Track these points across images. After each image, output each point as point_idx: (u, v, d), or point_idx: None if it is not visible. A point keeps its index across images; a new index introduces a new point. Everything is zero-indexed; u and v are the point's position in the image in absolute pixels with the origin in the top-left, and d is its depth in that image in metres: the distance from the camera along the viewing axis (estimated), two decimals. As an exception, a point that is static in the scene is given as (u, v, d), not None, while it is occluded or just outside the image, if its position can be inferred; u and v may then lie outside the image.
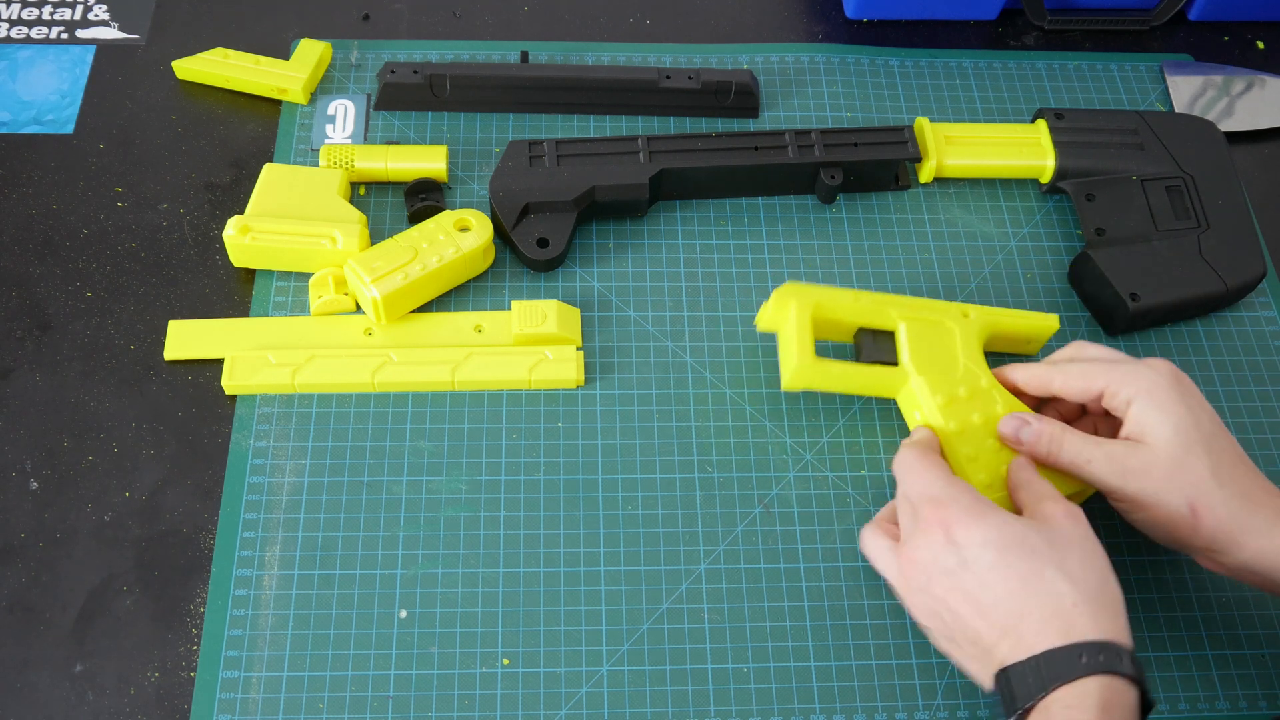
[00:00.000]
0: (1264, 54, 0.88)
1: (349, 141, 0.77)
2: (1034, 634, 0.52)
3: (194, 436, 0.66)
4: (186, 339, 0.68)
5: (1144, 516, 0.58)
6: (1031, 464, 0.61)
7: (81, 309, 0.70)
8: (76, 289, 0.70)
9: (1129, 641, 0.52)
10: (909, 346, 0.65)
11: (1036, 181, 0.78)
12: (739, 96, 0.79)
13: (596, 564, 0.62)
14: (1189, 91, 0.83)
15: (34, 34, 0.81)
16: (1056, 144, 0.76)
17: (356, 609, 0.61)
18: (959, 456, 0.62)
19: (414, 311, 0.70)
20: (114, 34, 0.82)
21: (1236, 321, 0.74)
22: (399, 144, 0.77)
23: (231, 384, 0.66)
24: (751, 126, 0.80)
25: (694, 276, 0.73)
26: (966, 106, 0.82)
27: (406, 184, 0.74)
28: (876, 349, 0.65)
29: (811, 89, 0.82)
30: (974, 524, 0.54)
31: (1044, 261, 0.75)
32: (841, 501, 0.65)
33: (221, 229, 0.72)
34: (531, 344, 0.68)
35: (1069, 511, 0.56)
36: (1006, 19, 0.88)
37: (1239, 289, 0.72)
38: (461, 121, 0.79)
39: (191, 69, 0.79)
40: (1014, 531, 0.54)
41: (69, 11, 0.83)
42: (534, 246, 0.71)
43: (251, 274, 0.71)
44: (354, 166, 0.74)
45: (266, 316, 0.69)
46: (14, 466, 0.64)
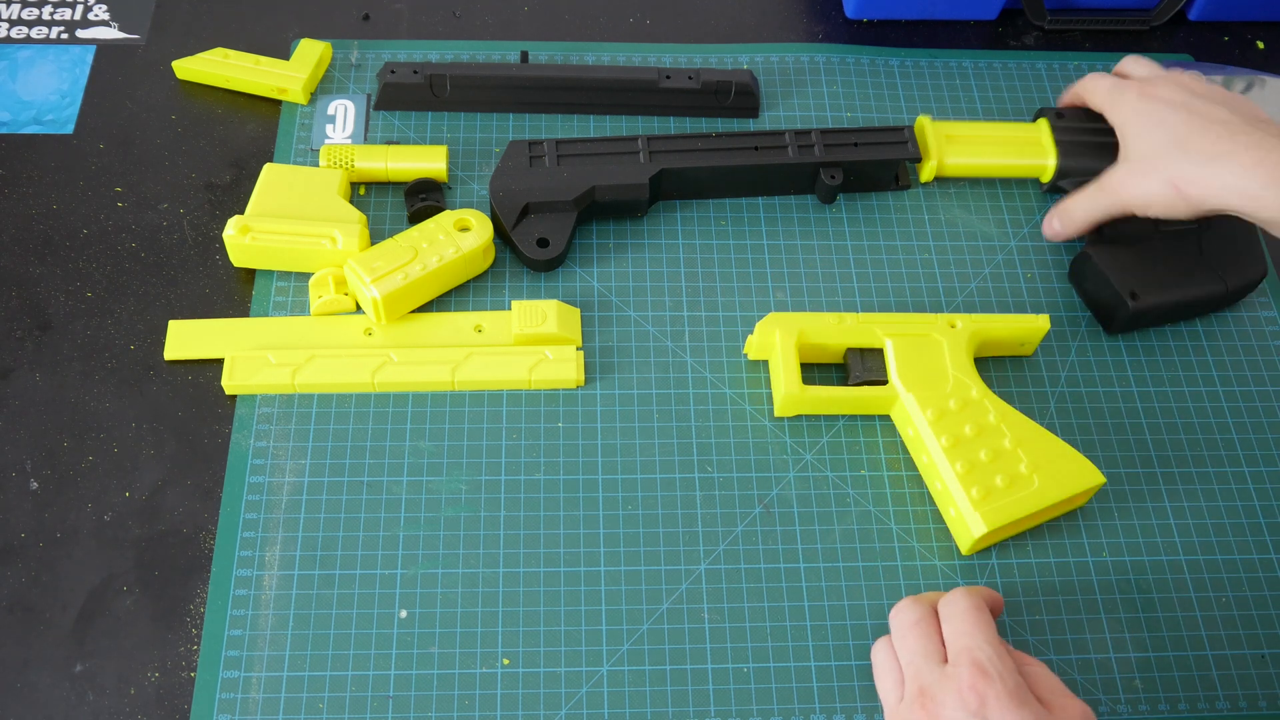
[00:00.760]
0: (1264, 54, 0.88)
1: (349, 141, 0.77)
2: None
3: (194, 436, 0.66)
4: (186, 339, 0.68)
5: (1153, 212, 0.68)
6: (1023, 661, 0.57)
7: (81, 309, 0.70)
8: (76, 289, 0.70)
9: None
10: (897, 363, 0.66)
11: (1037, 181, 0.78)
12: (739, 96, 0.79)
13: (596, 564, 0.62)
14: (1189, 91, 0.84)
15: (34, 34, 0.81)
16: (1058, 143, 0.76)
17: (356, 609, 0.61)
18: (951, 470, 0.62)
19: (414, 311, 0.70)
20: (114, 34, 0.82)
21: (1236, 321, 0.74)
22: (399, 144, 0.77)
23: (231, 384, 0.66)
24: (751, 126, 0.80)
25: (694, 276, 0.73)
26: (966, 106, 0.82)
27: (406, 184, 0.74)
28: (865, 368, 0.66)
29: (811, 89, 0.82)
30: (1011, 713, 0.52)
31: (1044, 261, 0.75)
32: (841, 501, 0.65)
33: (221, 229, 0.72)
34: (531, 344, 0.68)
35: (1084, 713, 0.54)
36: (1006, 19, 0.88)
37: (1239, 289, 0.72)
38: (461, 121, 0.79)
39: (191, 69, 0.79)
40: None
41: (69, 11, 0.83)
42: (534, 246, 0.71)
43: (251, 274, 0.71)
44: (354, 166, 0.74)
45: (266, 316, 0.69)
46: (14, 466, 0.64)
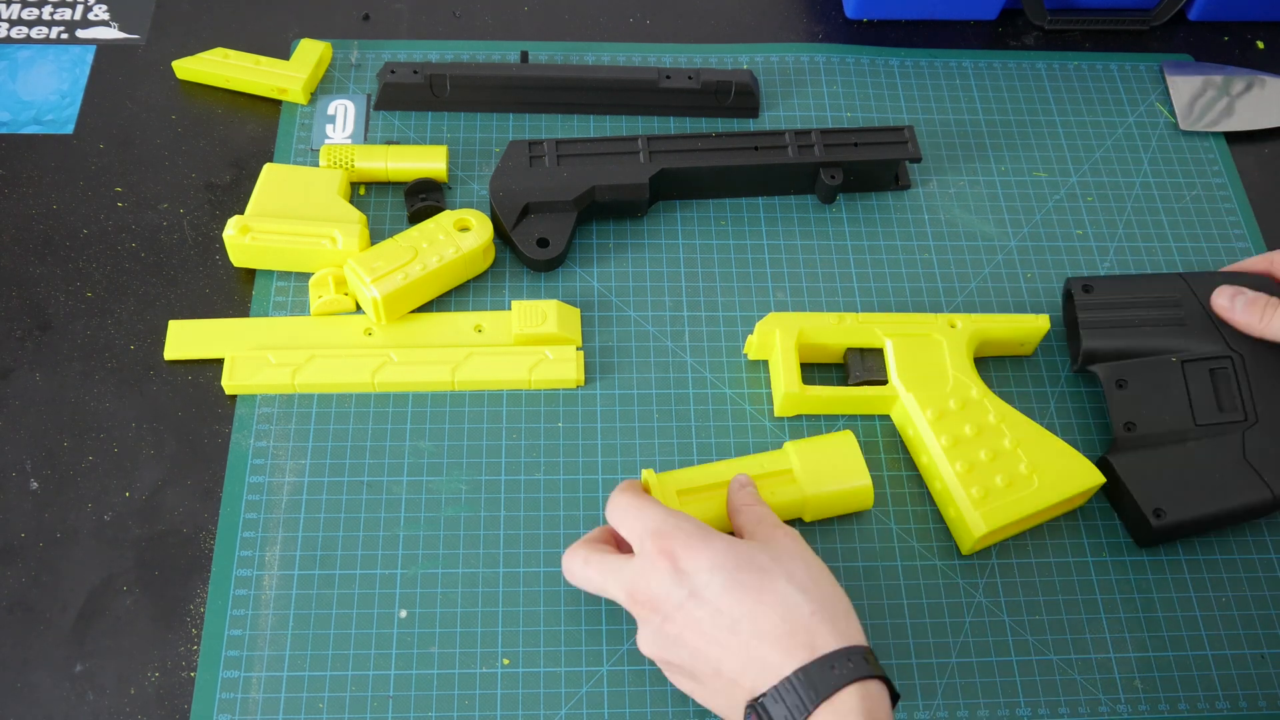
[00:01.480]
0: (1264, 54, 0.88)
1: (349, 141, 0.77)
2: (780, 654, 0.50)
3: (194, 436, 0.66)
4: (186, 339, 0.68)
5: None
6: (752, 486, 0.60)
7: (81, 309, 0.70)
8: (76, 289, 0.70)
9: (864, 639, 0.52)
10: (896, 363, 0.66)
11: (1039, 182, 0.78)
12: (739, 96, 0.79)
13: (596, 564, 0.62)
14: (1189, 92, 0.83)
15: (34, 34, 0.81)
16: (1083, 323, 0.67)
17: (356, 609, 0.61)
18: (951, 470, 0.62)
19: (414, 311, 0.70)
20: (114, 34, 0.82)
21: (1236, 321, 0.74)
22: (399, 144, 0.77)
23: (231, 384, 0.66)
24: (751, 126, 0.80)
25: (694, 276, 0.73)
26: (966, 106, 0.82)
27: (406, 184, 0.74)
28: (865, 368, 0.66)
29: (811, 89, 0.82)
30: (700, 550, 0.53)
31: (1044, 261, 0.75)
32: (841, 501, 0.65)
33: (221, 229, 0.72)
34: (531, 344, 0.68)
35: (788, 532, 0.56)
36: (1006, 19, 0.88)
37: None
38: (461, 121, 0.79)
39: (191, 69, 0.79)
40: (740, 552, 0.53)
41: (69, 11, 0.83)
42: (534, 246, 0.71)
43: (251, 274, 0.71)
44: (354, 166, 0.74)
45: (266, 316, 0.69)
46: (14, 466, 0.64)
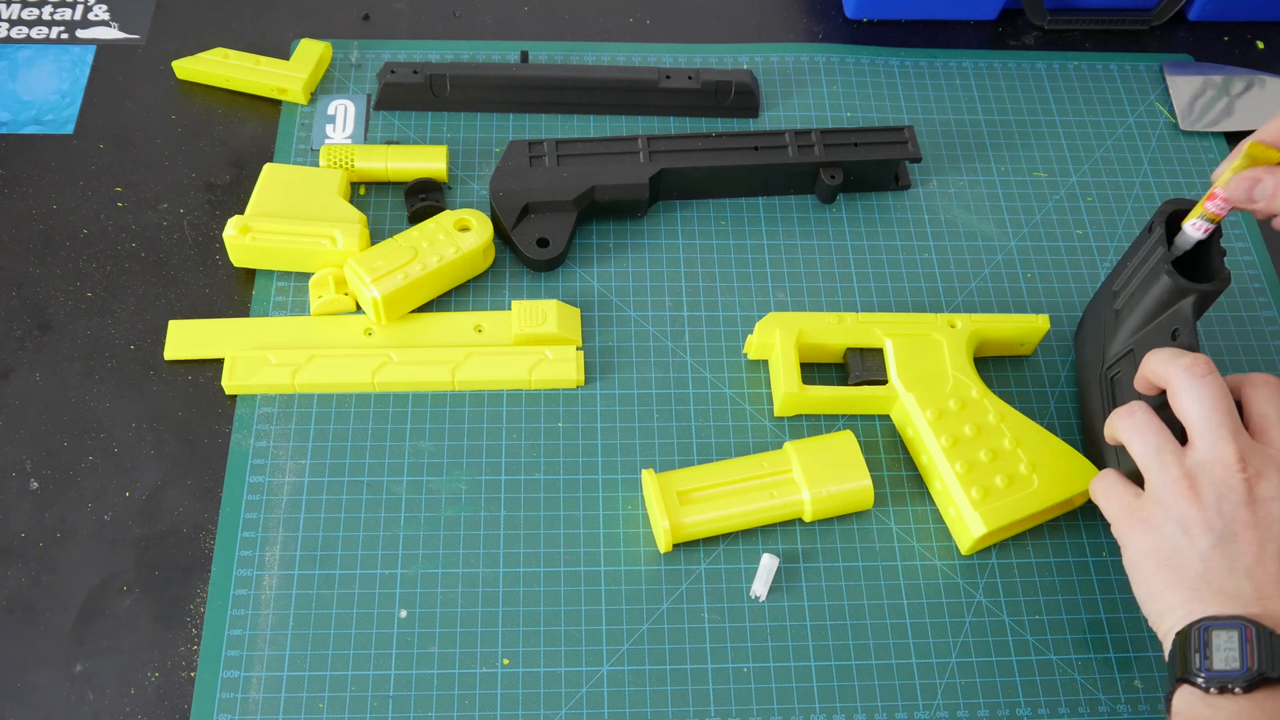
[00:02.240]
0: (1264, 54, 0.88)
1: (349, 141, 0.77)
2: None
3: (194, 436, 0.66)
4: (186, 339, 0.68)
5: None
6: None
7: (81, 309, 0.70)
8: (76, 289, 0.70)
9: None
10: (896, 363, 0.66)
11: (1039, 182, 0.78)
12: (739, 96, 0.79)
13: (597, 564, 0.62)
14: (1189, 91, 0.83)
15: (34, 34, 0.81)
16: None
17: (356, 609, 0.61)
18: (951, 470, 0.62)
19: (414, 311, 0.70)
20: (114, 34, 0.82)
21: (1237, 322, 0.74)
22: (399, 144, 0.77)
23: (231, 384, 0.66)
24: (751, 126, 0.80)
25: (694, 276, 0.73)
26: (966, 107, 0.82)
27: (406, 184, 0.74)
28: (865, 368, 0.66)
29: (811, 89, 0.82)
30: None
31: (1044, 261, 0.75)
32: (841, 501, 0.65)
33: (221, 229, 0.72)
34: (531, 344, 0.68)
35: None
36: (1006, 19, 0.88)
37: None
38: (461, 121, 0.79)
39: (191, 69, 0.79)
40: None
41: (69, 11, 0.83)
42: (534, 246, 0.71)
43: (251, 274, 0.71)
44: (354, 166, 0.74)
45: (266, 316, 0.69)
46: (14, 466, 0.64)
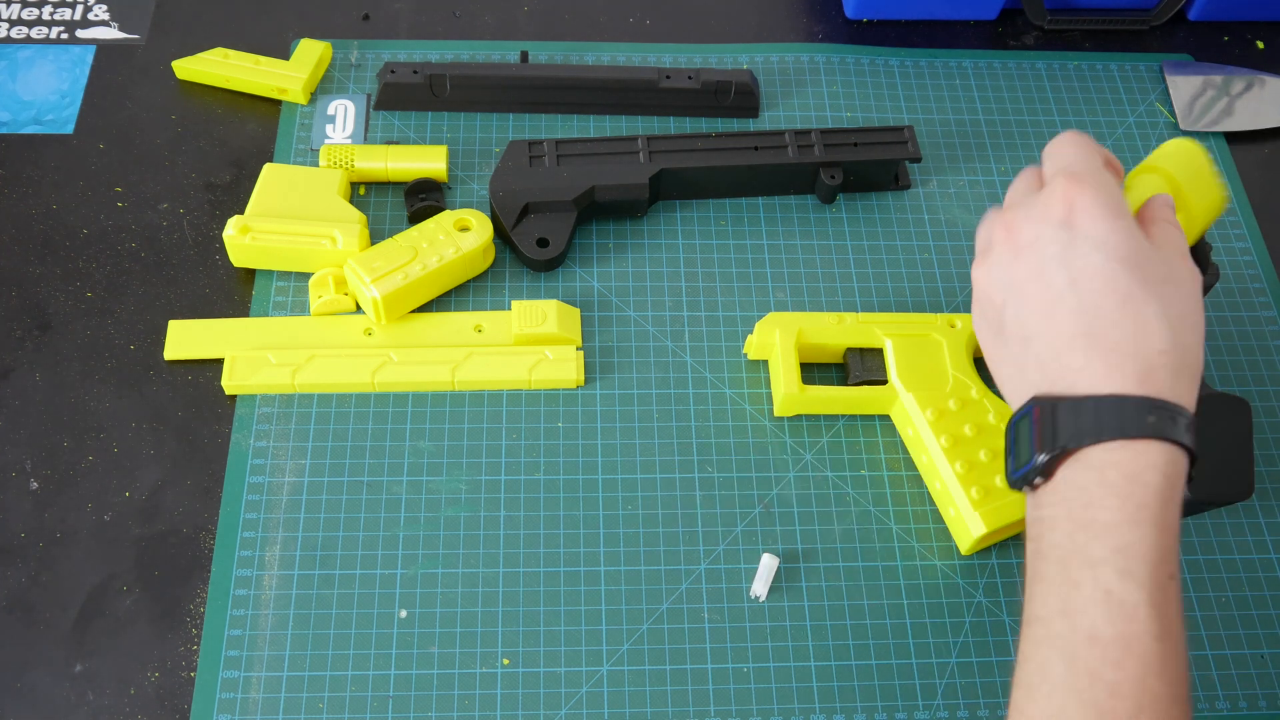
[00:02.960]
0: (1264, 54, 0.88)
1: (349, 141, 0.77)
2: (1104, 367, 0.44)
3: (194, 436, 0.65)
4: (186, 339, 0.68)
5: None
6: (1173, 205, 0.51)
7: (81, 309, 0.70)
8: (76, 289, 0.70)
9: (1192, 412, 0.45)
10: (896, 363, 0.66)
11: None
12: (739, 96, 0.79)
13: (596, 564, 0.62)
14: (1189, 91, 0.83)
15: (34, 34, 0.81)
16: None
17: (356, 609, 0.61)
18: (950, 470, 0.62)
19: (414, 311, 0.70)
20: (114, 34, 0.82)
21: (1237, 322, 0.74)
22: (399, 144, 0.77)
23: (231, 384, 0.66)
24: (751, 126, 0.80)
25: (694, 276, 0.73)
26: (966, 107, 0.82)
27: (406, 184, 0.74)
28: (865, 368, 0.66)
29: (811, 89, 0.82)
30: (1102, 219, 0.46)
31: (1044, 261, 0.75)
32: (841, 501, 0.65)
33: (221, 229, 0.72)
34: (531, 344, 0.68)
35: (1193, 269, 0.48)
36: (1006, 19, 0.88)
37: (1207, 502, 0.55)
38: (461, 121, 0.79)
39: (191, 69, 0.79)
40: (1139, 247, 0.46)
41: (69, 11, 0.83)
42: (534, 246, 0.71)
43: (251, 274, 0.71)
44: (354, 166, 0.74)
45: (266, 316, 0.69)
46: (14, 466, 0.64)
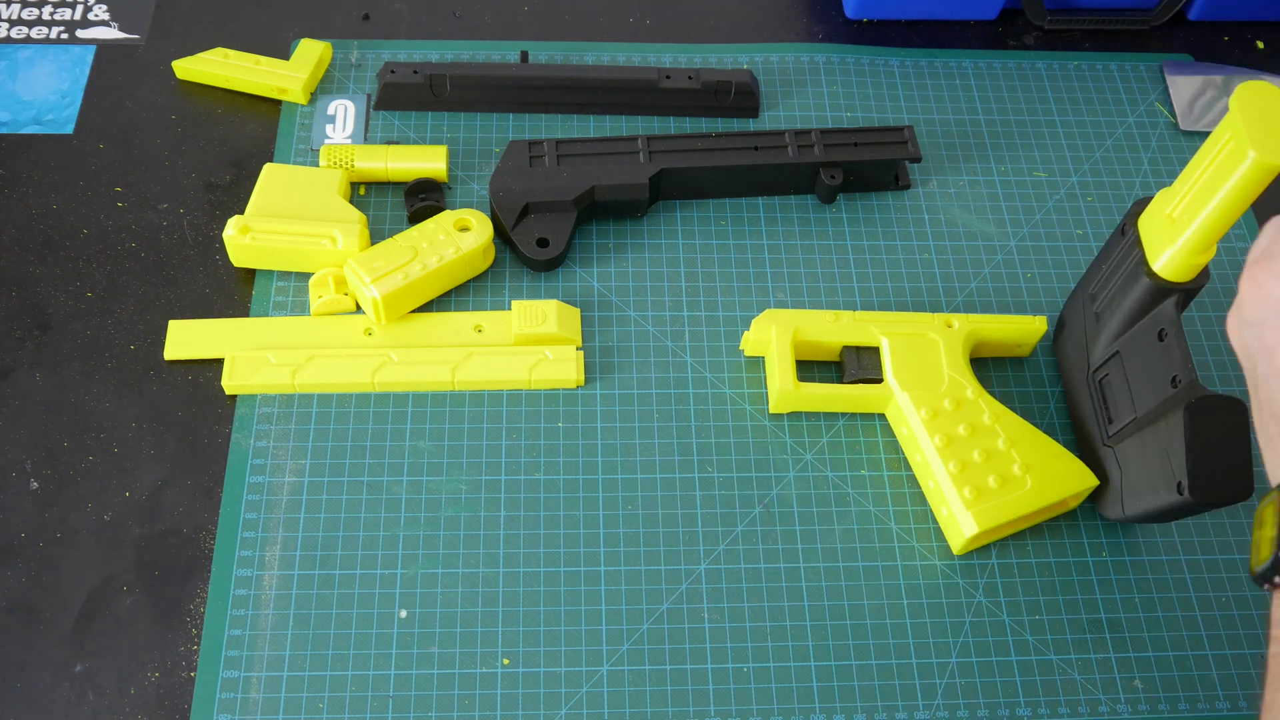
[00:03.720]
0: (1264, 54, 0.88)
1: (349, 141, 0.77)
2: None
3: (194, 436, 0.66)
4: (186, 339, 0.68)
5: None
6: None
7: (81, 309, 0.70)
8: (76, 289, 0.70)
9: None
10: (892, 362, 0.66)
11: (1039, 182, 0.78)
12: (739, 96, 0.79)
13: (596, 564, 0.62)
14: (1189, 91, 0.83)
15: (34, 34, 0.81)
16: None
17: (356, 609, 0.61)
18: (944, 470, 0.62)
19: (414, 311, 0.70)
20: (114, 34, 0.82)
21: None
22: (399, 144, 0.77)
23: (231, 384, 0.66)
24: (751, 126, 0.80)
25: (694, 276, 0.73)
26: (966, 107, 0.82)
27: (406, 184, 0.74)
28: (860, 366, 0.66)
29: (811, 89, 0.82)
30: None
31: (1044, 261, 0.75)
32: (841, 501, 0.65)
33: (221, 229, 0.72)
34: (531, 344, 0.68)
35: None
36: (1006, 19, 0.88)
37: (1204, 504, 0.55)
38: (461, 121, 0.79)
39: (191, 69, 0.79)
40: None
41: (69, 11, 0.83)
42: (534, 246, 0.71)
43: (251, 274, 0.71)
44: (354, 166, 0.74)
45: (266, 316, 0.69)
46: (14, 466, 0.64)
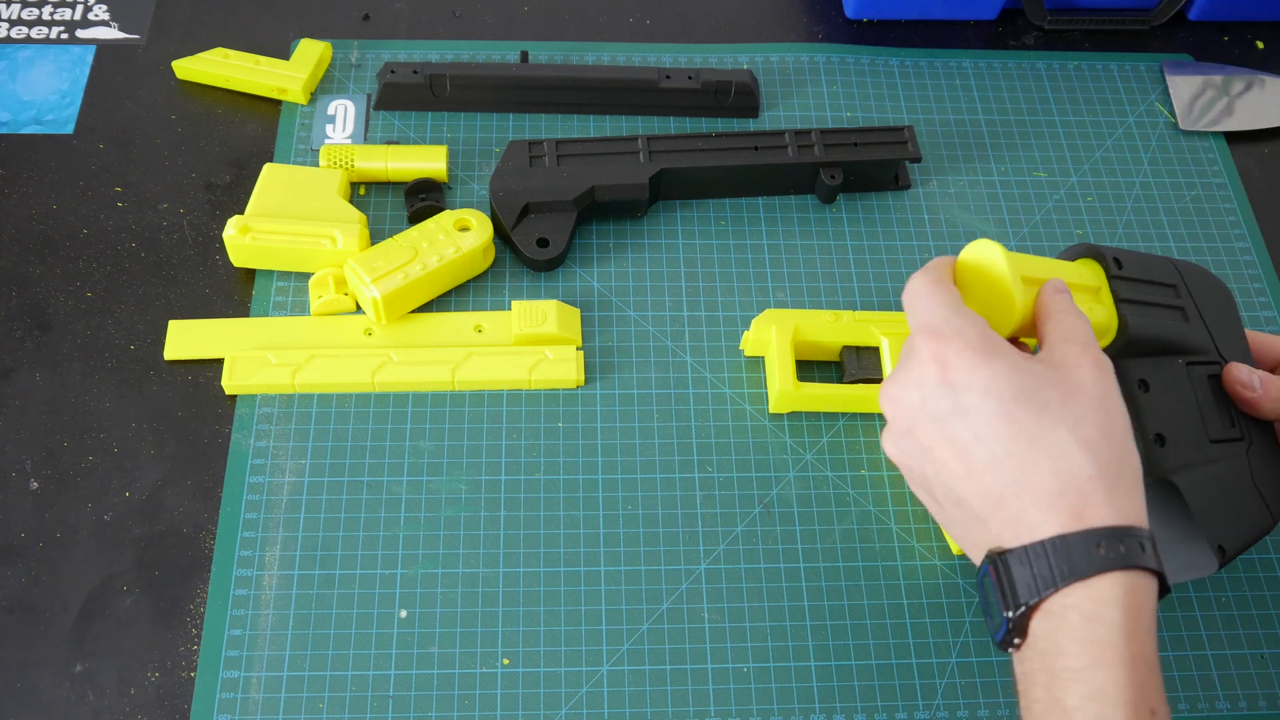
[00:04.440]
0: (1264, 54, 0.88)
1: (349, 141, 0.77)
2: (1039, 511, 0.43)
3: (194, 436, 0.66)
4: (186, 339, 0.68)
5: None
6: (1068, 293, 0.49)
7: (81, 309, 0.70)
8: (76, 289, 0.70)
9: (1146, 523, 0.43)
10: (892, 362, 0.66)
11: (1039, 182, 0.78)
12: (739, 96, 0.79)
13: (596, 564, 0.62)
14: (1189, 91, 0.83)
15: (34, 34, 0.81)
16: (1119, 302, 0.54)
17: (356, 609, 0.61)
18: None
19: (414, 311, 0.70)
20: (114, 34, 0.82)
21: (1236, 321, 0.74)
22: (399, 144, 0.77)
23: (231, 384, 0.66)
24: (751, 126, 0.80)
25: (694, 276, 0.73)
26: (966, 107, 0.82)
27: (406, 184, 0.74)
28: (860, 366, 0.66)
29: (811, 89, 0.82)
30: (978, 366, 0.45)
31: (1044, 261, 0.75)
32: (841, 501, 0.65)
33: (221, 229, 0.72)
34: (531, 344, 0.68)
35: (1097, 361, 0.46)
36: (1006, 19, 0.88)
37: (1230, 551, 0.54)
38: (461, 121, 0.79)
39: (191, 69, 0.79)
40: (1026, 381, 0.44)
41: (69, 11, 0.83)
42: (534, 246, 0.71)
43: (251, 274, 0.71)
44: (354, 166, 0.74)
45: (266, 316, 0.69)
46: (14, 466, 0.64)
